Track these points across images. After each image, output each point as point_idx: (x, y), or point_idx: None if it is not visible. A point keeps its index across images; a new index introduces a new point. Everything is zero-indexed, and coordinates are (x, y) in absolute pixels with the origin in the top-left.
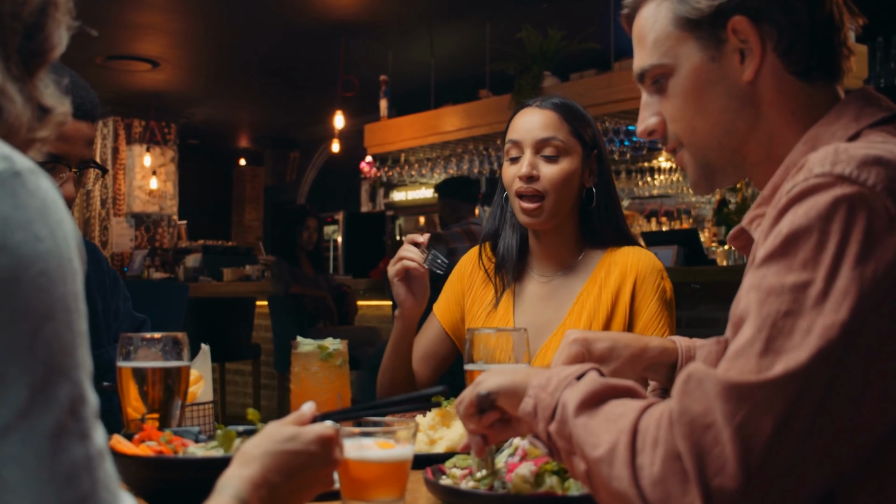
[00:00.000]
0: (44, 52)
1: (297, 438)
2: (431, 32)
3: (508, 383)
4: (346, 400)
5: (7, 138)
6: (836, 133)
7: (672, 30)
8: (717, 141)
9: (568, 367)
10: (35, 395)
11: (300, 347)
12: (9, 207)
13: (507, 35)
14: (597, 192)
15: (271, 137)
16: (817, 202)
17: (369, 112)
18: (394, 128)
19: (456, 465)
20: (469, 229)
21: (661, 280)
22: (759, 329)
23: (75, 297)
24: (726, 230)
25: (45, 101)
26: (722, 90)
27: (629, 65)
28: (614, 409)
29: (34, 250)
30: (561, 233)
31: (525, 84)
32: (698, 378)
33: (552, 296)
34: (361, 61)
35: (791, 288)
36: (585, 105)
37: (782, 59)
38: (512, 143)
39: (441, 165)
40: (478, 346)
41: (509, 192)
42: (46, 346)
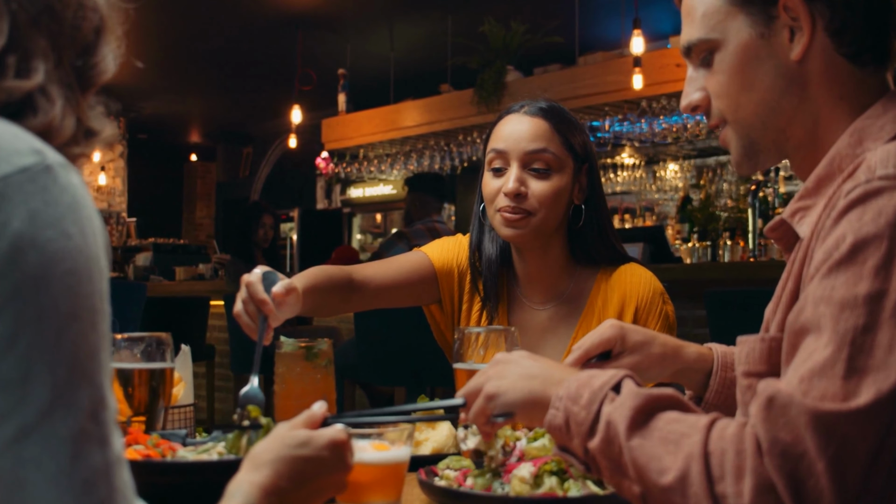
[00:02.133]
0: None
1: (310, 444)
2: (391, 25)
3: (526, 397)
4: (331, 401)
5: (45, 137)
6: (884, 127)
7: (722, 4)
8: (761, 120)
9: (595, 374)
10: (57, 398)
11: (284, 348)
12: (39, 203)
13: (470, 28)
14: (587, 209)
15: (224, 132)
16: (885, 207)
17: (327, 107)
18: (352, 123)
19: (449, 467)
20: (433, 227)
21: (662, 304)
22: (839, 347)
23: (101, 296)
24: (690, 227)
25: (91, 123)
26: (769, 68)
27: (594, 59)
28: (671, 428)
29: (63, 248)
30: (548, 253)
31: (488, 79)
32: (783, 403)
33: (549, 328)
34: (319, 54)
35: (865, 299)
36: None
37: (833, 39)
38: (496, 153)
39: (401, 161)
40: (468, 345)
41: (489, 206)
42: (71, 348)
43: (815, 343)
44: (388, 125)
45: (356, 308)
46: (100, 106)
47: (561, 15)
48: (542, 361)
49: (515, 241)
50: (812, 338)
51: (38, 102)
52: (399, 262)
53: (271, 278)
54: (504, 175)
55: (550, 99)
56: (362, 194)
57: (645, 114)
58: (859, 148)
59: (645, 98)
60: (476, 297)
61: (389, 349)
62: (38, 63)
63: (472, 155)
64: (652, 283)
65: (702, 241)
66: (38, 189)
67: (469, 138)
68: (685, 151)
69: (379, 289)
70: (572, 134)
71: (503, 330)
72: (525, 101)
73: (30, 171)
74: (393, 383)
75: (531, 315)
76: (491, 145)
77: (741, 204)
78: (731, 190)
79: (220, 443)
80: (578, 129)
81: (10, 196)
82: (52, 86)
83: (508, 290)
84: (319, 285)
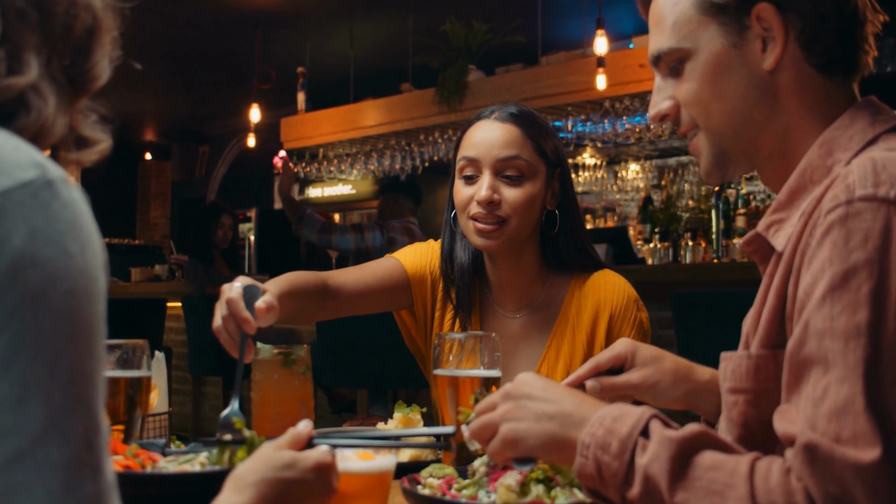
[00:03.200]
0: (88, 80)
1: (295, 466)
2: (351, 23)
3: (547, 442)
4: (309, 409)
5: (35, 141)
6: (853, 137)
7: (693, 13)
8: (732, 129)
9: (620, 418)
10: (52, 424)
11: (261, 354)
12: (40, 220)
13: (431, 27)
14: (561, 214)
15: (179, 131)
16: (870, 231)
17: (286, 105)
18: (312, 122)
19: (432, 475)
20: (408, 227)
21: (636, 311)
22: (854, 382)
23: (100, 318)
24: (651, 228)
25: (84, 131)
26: (741, 77)
27: (556, 59)
28: (712, 477)
29: (64, 267)
30: (521, 260)
31: (449, 78)
32: (826, 456)
33: (523, 337)
34: (278, 52)
35: (868, 328)
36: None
37: (804, 50)
38: (467, 161)
39: (361, 161)
40: (448, 351)
41: (461, 214)
42: (69, 372)
43: (825, 377)
44: (348, 124)
45: (331, 315)
46: (94, 114)
47: (523, 15)
48: (556, 393)
49: (489, 251)
50: (820, 371)
51: (31, 100)
52: (373, 268)
53: (252, 292)
54: (476, 183)
55: (521, 103)
56: (321, 194)
57: (608, 114)
58: (829, 159)
59: (608, 98)
60: (448, 305)
61: (351, 351)
62: (30, 58)
63: (434, 155)
64: (626, 290)
65: (663, 242)
66: (39, 205)
67: (430, 138)
68: (646, 152)
69: (354, 295)
70: (544, 139)
71: (484, 336)
72: (495, 107)
73: (31, 185)
74: (354, 386)
75: (504, 323)
76: (462, 153)
77: (702, 204)
78: (692, 190)
79: (202, 453)
80: (550, 133)
81: (11, 211)
82: (44, 83)
83: (481, 297)
84: (295, 291)
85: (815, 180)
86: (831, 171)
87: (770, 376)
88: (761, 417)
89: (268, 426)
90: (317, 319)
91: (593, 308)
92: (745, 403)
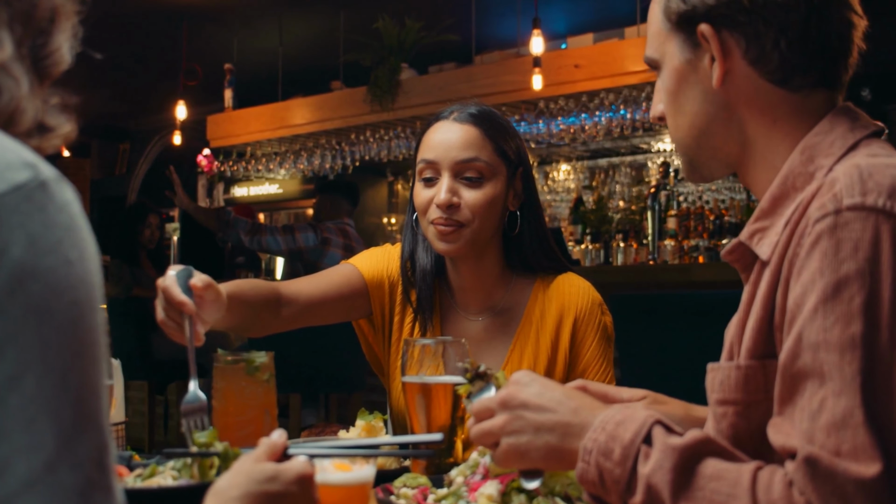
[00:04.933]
0: (50, 65)
1: (278, 478)
2: (280, 19)
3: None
4: (273, 417)
5: (7, 127)
6: (834, 143)
7: (661, 28)
8: (695, 140)
9: (623, 422)
10: (64, 446)
11: (223, 361)
12: (37, 225)
13: (363, 25)
14: (523, 215)
15: (99, 127)
16: (860, 241)
17: (212, 102)
18: (239, 120)
19: (406, 485)
20: (344, 228)
21: (601, 315)
22: (852, 395)
23: (101, 328)
24: (583, 229)
25: (46, 117)
26: (697, 93)
27: (490, 58)
28: (714, 488)
29: (65, 276)
30: (483, 262)
31: (381, 76)
32: (827, 471)
33: (486, 339)
34: (204, 48)
35: (862, 340)
36: (446, 99)
37: (754, 67)
38: (426, 163)
39: (290, 160)
40: (415, 358)
41: (422, 217)
42: (76, 389)
43: (821, 390)
44: (277, 123)
45: (287, 325)
46: (55, 99)
47: (456, 13)
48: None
49: (451, 255)
50: (815, 384)
51: (3, 82)
52: (328, 275)
53: (185, 274)
54: (435, 185)
55: (480, 103)
56: (247, 193)
57: (542, 114)
58: (811, 165)
59: (543, 98)
60: (408, 309)
61: (282, 355)
62: (3, 34)
63: (365, 154)
64: (590, 293)
65: (595, 244)
66: (35, 209)
67: (362, 137)
68: (578, 153)
69: (310, 303)
70: (504, 139)
71: (453, 341)
72: (454, 107)
73: (25, 188)
74: (286, 390)
75: (466, 326)
76: (421, 155)
77: (633, 206)
78: (623, 192)
79: (169, 465)
80: (511, 133)
81: (6, 218)
82: (16, 64)
83: (441, 300)
84: (245, 295)
85: (798, 187)
86: (814, 178)
87: (759, 387)
88: (751, 428)
89: (231, 435)
90: (272, 330)
91: (558, 311)
92: (734, 415)
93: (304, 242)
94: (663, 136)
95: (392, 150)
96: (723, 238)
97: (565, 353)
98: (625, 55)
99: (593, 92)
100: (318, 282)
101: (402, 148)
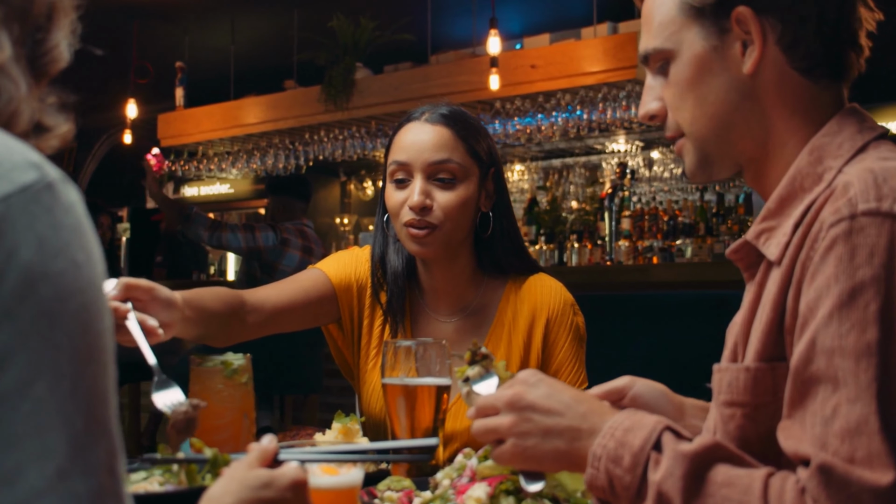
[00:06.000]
0: (47, 63)
1: (272, 485)
2: (233, 17)
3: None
4: (251, 420)
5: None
6: (842, 144)
7: (676, 15)
8: (715, 133)
9: (632, 429)
10: (76, 453)
11: (200, 364)
12: (45, 227)
13: (317, 23)
14: (495, 216)
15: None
16: (875, 246)
17: (163, 101)
18: (191, 119)
19: (390, 488)
20: (302, 230)
21: (573, 316)
22: (867, 402)
23: (110, 332)
24: (537, 230)
25: (43, 117)
26: (722, 81)
27: (447, 58)
28: (727, 495)
29: (74, 280)
30: (455, 263)
31: (336, 76)
32: (842, 479)
33: (457, 341)
34: (155, 46)
35: (878, 347)
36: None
37: (786, 53)
38: (398, 165)
39: (243, 160)
40: (395, 360)
41: (395, 219)
42: (87, 394)
43: (835, 396)
44: (230, 122)
45: (255, 332)
46: (52, 98)
47: (412, 12)
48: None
49: (425, 257)
50: (828, 389)
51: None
52: (295, 281)
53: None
54: (408, 187)
55: (451, 103)
56: (197, 193)
57: (499, 115)
58: (819, 166)
59: (499, 99)
60: (378, 311)
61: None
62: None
63: (319, 154)
64: (563, 294)
65: (549, 244)
66: (42, 211)
67: (316, 137)
68: (532, 153)
69: (276, 310)
70: (476, 140)
71: (434, 343)
72: (426, 108)
73: (31, 189)
74: None
75: (437, 327)
76: (392, 156)
77: (587, 206)
78: (577, 192)
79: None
80: (482, 134)
81: (14, 219)
82: (14, 65)
83: (412, 302)
84: (204, 301)
85: (806, 188)
86: (822, 179)
87: (768, 390)
88: (759, 431)
89: (208, 439)
90: (240, 338)
91: (530, 312)
92: (742, 416)
93: (263, 241)
94: (618, 136)
95: (346, 150)
96: (677, 239)
97: (538, 354)
98: (581, 56)
99: (550, 92)
100: (285, 288)
101: (357, 148)
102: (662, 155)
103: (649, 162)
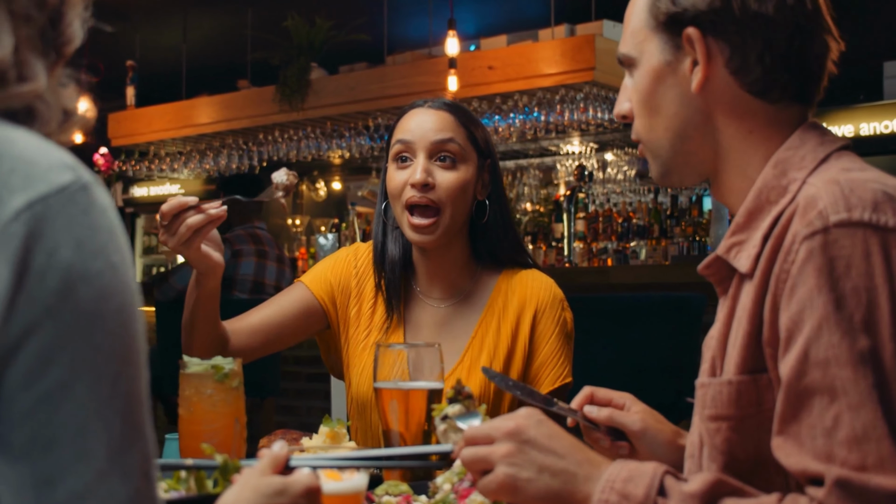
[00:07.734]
0: (63, 44)
1: (286, 492)
2: (186, 15)
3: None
4: (242, 425)
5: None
6: (805, 157)
7: (643, 25)
8: (669, 143)
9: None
10: (114, 457)
11: (190, 368)
12: (83, 228)
13: (271, 22)
14: (490, 205)
15: None
16: (851, 257)
17: (113, 99)
18: (142, 118)
19: (388, 493)
20: (254, 233)
21: (561, 311)
22: (871, 408)
23: (143, 335)
24: None
25: (64, 102)
26: (674, 95)
27: (403, 59)
28: None
29: (111, 281)
30: (451, 251)
31: (290, 75)
32: (861, 489)
33: (447, 326)
34: (106, 44)
35: (870, 354)
36: (357, 100)
37: (735, 76)
38: (402, 144)
39: (195, 160)
40: (388, 363)
41: (395, 201)
42: (125, 397)
43: (833, 406)
44: (182, 121)
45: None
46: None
47: (367, 13)
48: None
49: (427, 246)
50: (825, 400)
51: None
52: (280, 303)
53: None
54: (410, 167)
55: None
56: (147, 193)
57: None
58: (784, 179)
59: (456, 100)
60: (365, 298)
61: None
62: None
63: (274, 154)
64: (553, 289)
65: None
66: (79, 212)
67: (270, 137)
68: None
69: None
70: (475, 128)
71: (426, 346)
72: (427, 99)
73: (68, 190)
74: None
75: (429, 311)
76: (396, 136)
77: (541, 208)
78: (531, 194)
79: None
80: (480, 125)
81: (53, 219)
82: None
83: (406, 286)
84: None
85: (773, 200)
86: (787, 190)
87: (752, 401)
88: (745, 443)
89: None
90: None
91: (519, 303)
92: (728, 430)
93: None
94: (572, 138)
95: (301, 151)
96: (631, 241)
97: (524, 346)
98: (539, 57)
99: (507, 94)
100: (270, 311)
101: (312, 148)
102: (616, 157)
103: (603, 164)
